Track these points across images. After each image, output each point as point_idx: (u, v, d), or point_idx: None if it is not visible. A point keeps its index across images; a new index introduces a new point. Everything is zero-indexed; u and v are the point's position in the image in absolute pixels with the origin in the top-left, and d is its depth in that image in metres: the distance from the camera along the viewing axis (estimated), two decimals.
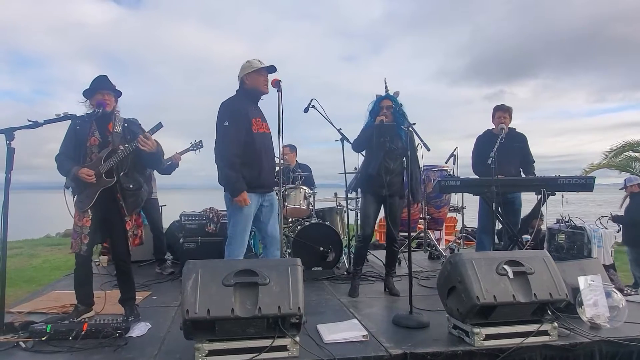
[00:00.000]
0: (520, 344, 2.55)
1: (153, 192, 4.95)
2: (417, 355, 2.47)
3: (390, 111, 3.70)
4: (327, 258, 4.66)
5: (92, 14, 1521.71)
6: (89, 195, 2.91)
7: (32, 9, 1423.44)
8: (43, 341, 2.56)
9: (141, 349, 2.53)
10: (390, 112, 3.70)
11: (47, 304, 3.42)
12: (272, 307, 2.32)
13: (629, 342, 2.65)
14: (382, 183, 3.68)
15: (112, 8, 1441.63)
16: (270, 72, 3.37)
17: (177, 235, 4.71)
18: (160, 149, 3.01)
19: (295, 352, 2.39)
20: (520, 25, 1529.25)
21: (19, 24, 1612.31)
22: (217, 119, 3.27)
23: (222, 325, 2.32)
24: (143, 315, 3.13)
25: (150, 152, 2.89)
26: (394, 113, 3.68)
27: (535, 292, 2.61)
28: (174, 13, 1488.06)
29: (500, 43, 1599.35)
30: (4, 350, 2.49)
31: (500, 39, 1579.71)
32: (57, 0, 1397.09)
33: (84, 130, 2.99)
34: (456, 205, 5.79)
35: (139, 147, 2.84)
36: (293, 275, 2.45)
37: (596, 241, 4.71)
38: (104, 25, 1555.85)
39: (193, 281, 2.34)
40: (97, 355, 2.44)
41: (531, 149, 4.68)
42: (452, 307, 2.75)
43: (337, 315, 3.22)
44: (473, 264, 2.66)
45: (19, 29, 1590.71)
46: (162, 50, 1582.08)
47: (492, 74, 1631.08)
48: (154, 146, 2.89)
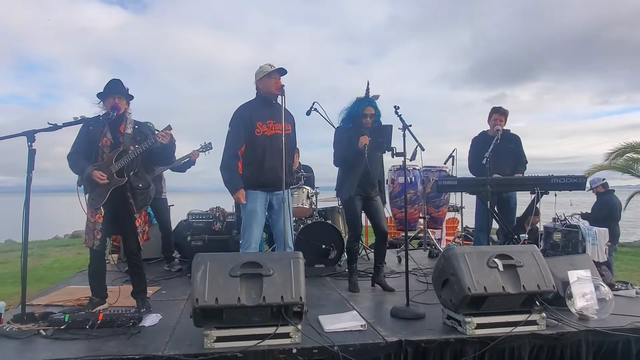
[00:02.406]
0: (510, 333, 2.70)
1: (162, 192, 5.12)
2: (412, 342, 2.63)
3: (372, 119, 3.83)
4: (329, 255, 4.81)
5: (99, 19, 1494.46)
6: (101, 193, 3.09)
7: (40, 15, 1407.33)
8: (62, 330, 2.73)
9: (153, 336, 2.70)
10: (372, 121, 3.83)
11: (63, 297, 3.61)
12: (276, 297, 2.49)
13: (614, 332, 2.79)
14: (373, 185, 3.87)
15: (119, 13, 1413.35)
16: (280, 74, 3.52)
17: (184, 234, 4.89)
18: (173, 142, 3.20)
19: (297, 339, 2.55)
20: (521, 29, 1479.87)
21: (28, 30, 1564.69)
22: None
23: (229, 313, 2.49)
24: (153, 307, 3.30)
25: (164, 144, 3.11)
26: (375, 121, 3.83)
27: (524, 284, 2.76)
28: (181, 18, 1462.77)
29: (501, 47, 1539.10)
30: (26, 337, 2.67)
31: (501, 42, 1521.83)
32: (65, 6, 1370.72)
33: (96, 131, 3.18)
34: (455, 204, 5.93)
35: (161, 141, 3.07)
36: (295, 267, 2.62)
37: (590, 239, 4.85)
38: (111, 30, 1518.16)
39: (202, 272, 2.51)
40: (112, 342, 2.61)
41: (536, 152, 4.89)
42: (446, 299, 2.91)
43: (338, 308, 3.37)
44: (465, 257, 2.81)
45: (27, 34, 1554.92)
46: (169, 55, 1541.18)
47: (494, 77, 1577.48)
48: (168, 137, 3.11)
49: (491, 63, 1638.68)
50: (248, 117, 3.51)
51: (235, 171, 3.47)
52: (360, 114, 3.85)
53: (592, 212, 6.01)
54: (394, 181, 5.52)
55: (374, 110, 3.86)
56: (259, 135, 3.47)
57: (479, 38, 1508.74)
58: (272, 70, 3.48)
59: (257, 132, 3.46)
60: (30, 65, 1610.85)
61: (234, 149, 3.50)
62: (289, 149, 3.52)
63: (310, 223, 4.90)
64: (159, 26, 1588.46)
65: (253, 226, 3.47)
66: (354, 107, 3.89)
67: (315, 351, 2.52)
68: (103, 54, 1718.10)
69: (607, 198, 6.42)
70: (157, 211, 5.06)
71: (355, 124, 3.89)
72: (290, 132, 3.60)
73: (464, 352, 2.66)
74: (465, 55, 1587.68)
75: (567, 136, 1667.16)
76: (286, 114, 3.51)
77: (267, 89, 3.51)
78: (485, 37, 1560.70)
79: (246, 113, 3.54)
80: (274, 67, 3.48)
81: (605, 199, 6.41)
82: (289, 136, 3.54)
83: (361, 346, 2.58)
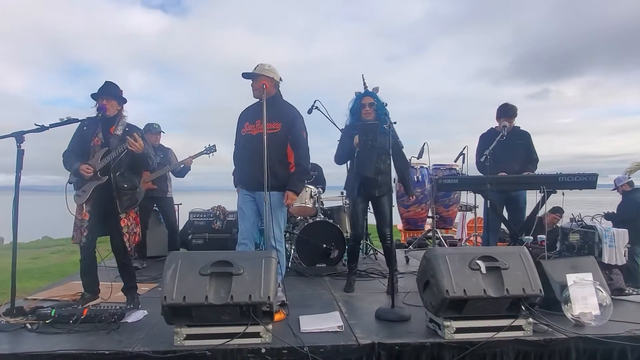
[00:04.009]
0: (490, 338, 2.58)
1: (168, 191, 5.24)
2: (385, 345, 2.55)
3: (373, 108, 3.77)
4: (330, 255, 4.77)
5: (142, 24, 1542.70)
6: (85, 190, 3.22)
7: (89, 22, 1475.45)
8: (47, 324, 2.83)
9: (131, 332, 2.74)
10: (373, 109, 3.77)
11: (62, 292, 3.74)
12: (244, 296, 2.47)
13: (606, 339, 2.62)
14: (376, 184, 3.77)
15: (161, 18, 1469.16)
16: (245, 77, 3.52)
17: (187, 232, 4.97)
18: (147, 152, 3.24)
19: (267, 339, 2.53)
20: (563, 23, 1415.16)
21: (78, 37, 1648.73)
22: None
23: (198, 311, 2.50)
24: (145, 304, 3.36)
25: (137, 152, 3.14)
26: (377, 110, 3.75)
27: (508, 287, 2.62)
28: (221, 20, 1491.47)
29: (543, 41, 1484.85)
30: (13, 330, 2.77)
31: (543, 37, 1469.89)
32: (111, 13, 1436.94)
33: (90, 131, 3.31)
34: (467, 204, 5.75)
35: (128, 147, 3.08)
36: (266, 266, 2.59)
37: (607, 240, 4.57)
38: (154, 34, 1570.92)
39: (172, 270, 2.53)
40: (91, 337, 2.67)
41: (583, 149, 4.71)
42: (427, 301, 2.82)
43: (324, 309, 3.32)
44: (446, 258, 2.70)
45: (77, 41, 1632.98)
46: (209, 57, 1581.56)
47: (536, 73, 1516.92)
48: (141, 147, 3.13)
49: (533, 58, 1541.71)
50: (240, 118, 3.62)
51: (235, 171, 3.74)
52: (359, 106, 3.86)
53: (618, 212, 5.66)
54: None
55: (373, 99, 3.82)
56: (243, 134, 3.49)
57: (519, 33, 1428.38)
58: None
59: (243, 132, 3.49)
60: (78, 69, 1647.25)
61: (235, 149, 3.69)
62: (274, 148, 3.42)
63: (312, 222, 4.87)
64: (198, 28, 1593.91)
65: (240, 222, 3.54)
66: (354, 103, 3.92)
67: (285, 352, 2.49)
68: (145, 57, 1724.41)
69: (634, 197, 6.03)
70: (163, 210, 5.18)
71: (358, 118, 3.88)
72: (277, 131, 3.52)
73: (441, 356, 2.56)
74: (505, 50, 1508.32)
75: (617, 132, 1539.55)
76: (280, 113, 3.48)
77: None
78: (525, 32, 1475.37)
79: (242, 115, 3.64)
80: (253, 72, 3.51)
81: (632, 197, 6.02)
82: (274, 135, 3.47)
83: (332, 348, 2.53)
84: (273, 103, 3.50)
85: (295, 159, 3.52)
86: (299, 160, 3.51)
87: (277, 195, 3.46)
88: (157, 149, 5.11)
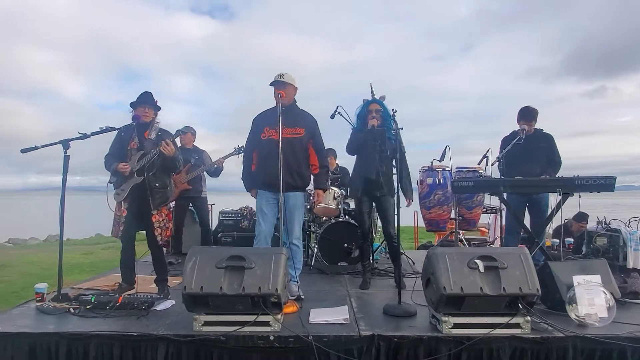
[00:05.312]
0: (487, 334, 2.70)
1: (203, 191, 5.62)
2: (384, 337, 2.73)
3: (380, 114, 3.94)
4: (351, 254, 4.96)
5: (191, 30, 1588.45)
6: (124, 188, 3.61)
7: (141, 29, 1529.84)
8: (87, 309, 3.21)
9: (158, 319, 3.07)
10: (380, 115, 3.95)
11: (103, 283, 4.15)
12: (254, 288, 2.73)
13: (605, 339, 2.67)
14: (378, 185, 3.94)
15: (208, 23, 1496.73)
16: (271, 85, 3.79)
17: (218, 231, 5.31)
18: (177, 155, 3.57)
19: (277, 328, 2.78)
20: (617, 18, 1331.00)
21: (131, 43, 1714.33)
22: None
23: (214, 300, 2.78)
24: (174, 295, 3.68)
25: (168, 155, 3.47)
26: (383, 116, 3.92)
27: (505, 286, 2.73)
28: (266, 24, 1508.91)
29: (596, 37, 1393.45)
30: (58, 313, 3.17)
31: (594, 33, 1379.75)
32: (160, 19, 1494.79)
33: (127, 136, 3.69)
34: (491, 206, 5.76)
35: (161, 150, 3.43)
36: (276, 262, 2.84)
37: (633, 244, 4.50)
38: (201, 39, 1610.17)
39: (192, 263, 2.83)
40: (124, 321, 3.02)
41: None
42: (428, 298, 2.97)
43: (337, 304, 3.52)
44: (446, 257, 2.85)
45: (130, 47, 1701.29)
46: (253, 60, 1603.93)
47: (590, 70, 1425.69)
48: (172, 151, 3.47)
49: (585, 55, 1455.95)
50: (257, 123, 3.87)
51: (246, 172, 3.92)
52: (366, 112, 4.07)
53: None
54: (422, 182, 5.51)
55: (379, 106, 4.03)
56: (264, 139, 3.74)
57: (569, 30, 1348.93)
58: (271, 82, 3.79)
59: (263, 137, 3.75)
60: (130, 74, 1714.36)
61: (248, 153, 3.97)
62: (296, 153, 3.74)
63: (334, 222, 5.08)
64: (244, 33, 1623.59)
65: (260, 221, 3.80)
66: (361, 109, 4.14)
67: (291, 339, 2.72)
68: (193, 62, 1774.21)
69: None
70: (198, 209, 5.56)
71: (364, 124, 4.09)
72: (302, 136, 3.79)
73: (438, 350, 2.71)
74: (555, 47, 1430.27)
75: None
76: (301, 119, 3.79)
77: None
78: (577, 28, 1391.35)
79: (258, 119, 3.90)
80: (275, 79, 3.77)
81: None
82: (299, 140, 3.76)
83: (335, 338, 2.73)
84: (293, 109, 3.80)
85: (319, 160, 3.86)
86: (323, 161, 3.89)
87: (301, 195, 3.84)
88: (192, 151, 5.51)
